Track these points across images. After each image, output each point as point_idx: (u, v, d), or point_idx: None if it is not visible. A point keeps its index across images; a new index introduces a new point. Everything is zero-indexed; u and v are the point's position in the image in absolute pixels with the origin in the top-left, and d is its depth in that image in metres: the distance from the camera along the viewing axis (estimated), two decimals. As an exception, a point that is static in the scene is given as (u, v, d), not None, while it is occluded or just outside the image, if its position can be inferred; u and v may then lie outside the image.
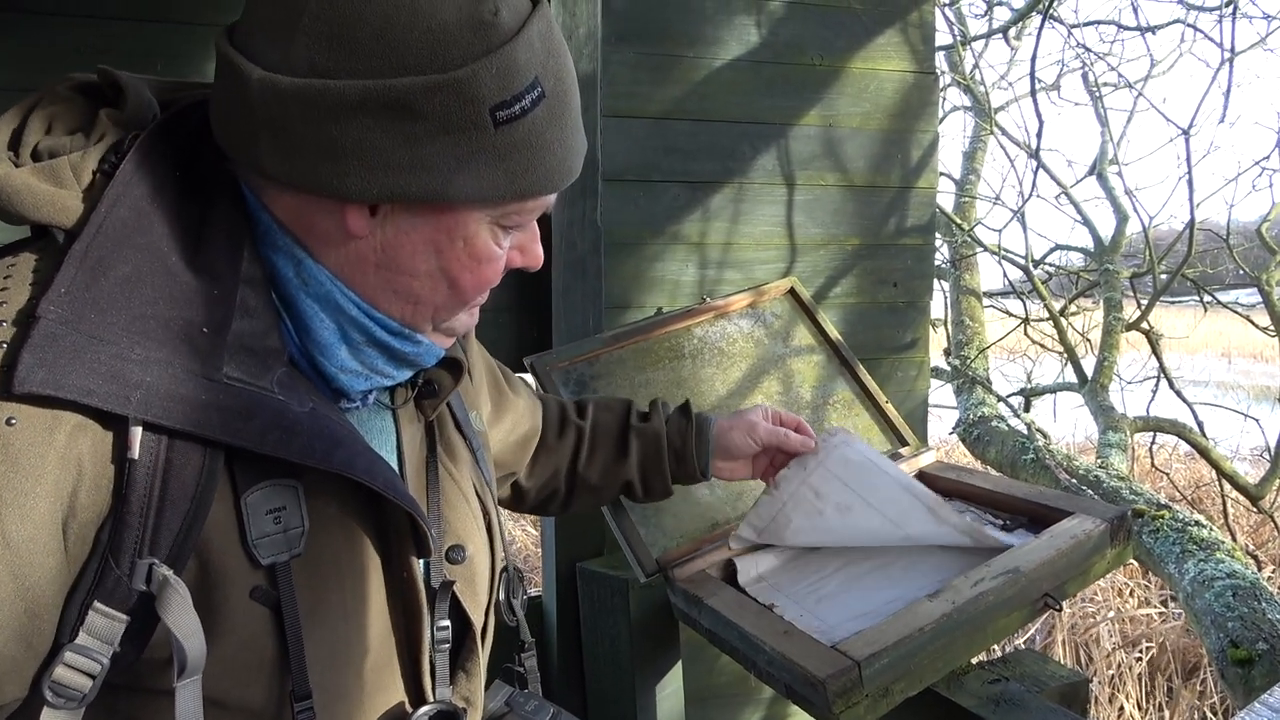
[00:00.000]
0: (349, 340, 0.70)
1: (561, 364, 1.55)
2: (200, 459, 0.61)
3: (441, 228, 0.67)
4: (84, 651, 0.59)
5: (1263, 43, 3.92)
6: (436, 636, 0.77)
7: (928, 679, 1.07)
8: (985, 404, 4.20)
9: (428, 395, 0.82)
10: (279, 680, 0.66)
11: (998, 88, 5.53)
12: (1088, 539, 1.18)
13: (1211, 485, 5.02)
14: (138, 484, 0.59)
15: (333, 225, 0.66)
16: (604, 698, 1.65)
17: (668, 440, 1.20)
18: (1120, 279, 4.44)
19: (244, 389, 0.62)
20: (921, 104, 2.09)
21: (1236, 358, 14.02)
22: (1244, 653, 2.00)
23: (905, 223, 2.11)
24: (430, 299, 0.71)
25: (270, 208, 0.67)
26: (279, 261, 0.68)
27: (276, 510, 0.65)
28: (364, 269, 0.68)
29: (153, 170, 0.65)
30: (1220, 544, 2.41)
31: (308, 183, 0.63)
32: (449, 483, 0.83)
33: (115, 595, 0.59)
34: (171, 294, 0.62)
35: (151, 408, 0.58)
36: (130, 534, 0.59)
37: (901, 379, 2.13)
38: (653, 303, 1.90)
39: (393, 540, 0.74)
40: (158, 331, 0.60)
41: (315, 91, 0.60)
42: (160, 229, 0.63)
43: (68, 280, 0.59)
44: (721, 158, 1.94)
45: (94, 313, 0.58)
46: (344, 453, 0.66)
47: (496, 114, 0.63)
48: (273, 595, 0.65)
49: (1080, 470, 3.09)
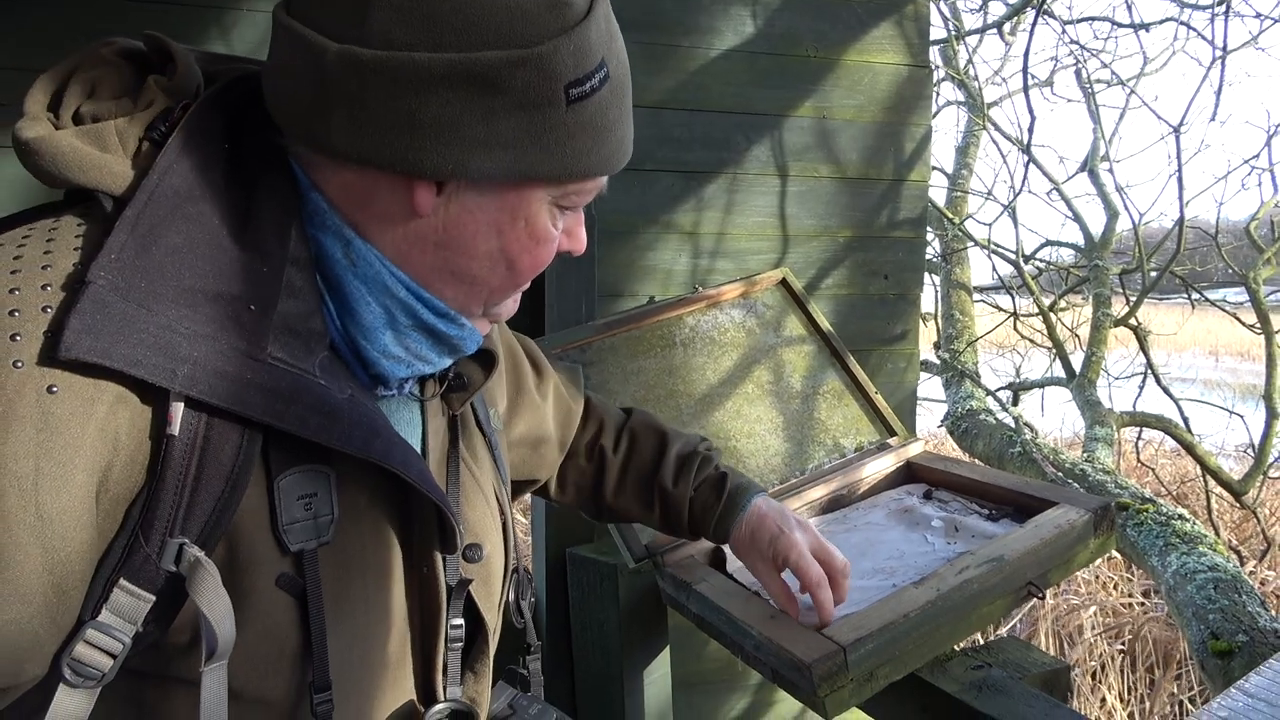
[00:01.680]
0: (395, 324, 0.69)
1: (554, 350, 1.55)
2: (239, 439, 0.60)
3: (506, 207, 0.67)
4: (106, 629, 0.57)
5: (1254, 41, 3.94)
6: (450, 635, 0.77)
7: (912, 664, 1.08)
8: (974, 397, 4.22)
9: (456, 389, 0.81)
10: (299, 671, 0.65)
11: (992, 83, 5.55)
12: (1071, 529, 1.19)
13: (1196, 481, 5.06)
14: (174, 461, 0.58)
15: (395, 203, 0.65)
16: (592, 682, 1.66)
17: (690, 513, 1.13)
18: (1110, 275, 4.47)
19: (287, 370, 0.61)
20: (915, 97, 2.10)
21: (1224, 356, 14.12)
22: (1224, 644, 2.03)
23: (897, 215, 2.12)
24: (487, 280, 0.71)
25: (322, 186, 0.66)
26: (327, 241, 0.66)
27: (308, 496, 0.64)
28: (423, 248, 0.67)
29: (205, 142, 0.63)
30: (1203, 537, 2.44)
31: (380, 158, 0.62)
32: (469, 479, 0.82)
33: (143, 574, 0.58)
34: (221, 268, 0.60)
35: (197, 384, 0.57)
36: (163, 512, 0.58)
37: (891, 370, 2.14)
38: (645, 291, 1.91)
39: (417, 535, 0.73)
40: (206, 306, 0.59)
41: (398, 64, 0.59)
42: (211, 202, 0.62)
43: (118, 246, 0.57)
44: (716, 148, 1.94)
45: (144, 281, 0.57)
46: (382, 443, 0.65)
47: (570, 91, 0.63)
48: (298, 583, 0.64)
49: (1067, 464, 3.11)
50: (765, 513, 1.09)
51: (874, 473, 1.55)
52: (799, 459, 1.57)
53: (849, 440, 1.62)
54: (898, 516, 1.40)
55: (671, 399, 1.58)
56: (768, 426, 1.60)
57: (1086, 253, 4.92)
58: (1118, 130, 5.07)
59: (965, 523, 1.31)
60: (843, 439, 1.62)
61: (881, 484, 1.55)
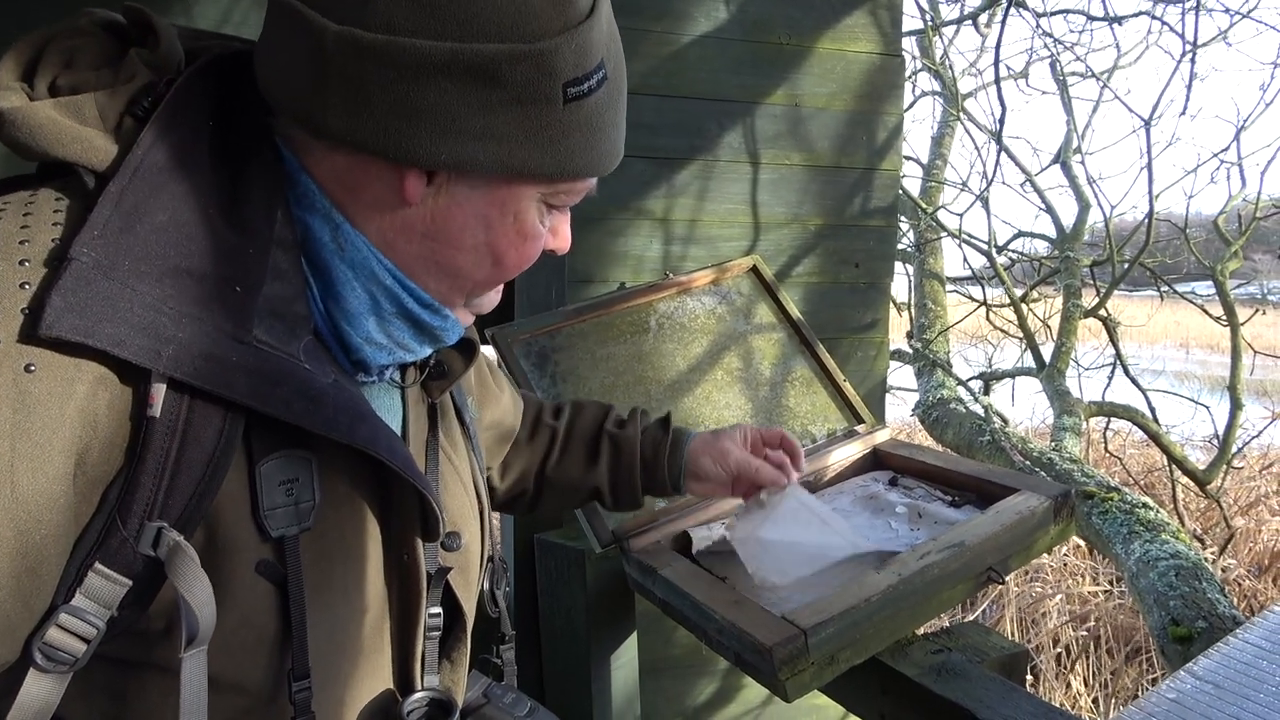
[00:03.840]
0: (379, 311, 0.68)
1: (523, 336, 1.55)
2: (221, 423, 0.59)
3: (495, 201, 0.66)
4: (79, 614, 0.56)
5: (1223, 36, 3.98)
6: (428, 623, 0.76)
7: (873, 648, 1.10)
8: (945, 387, 4.26)
9: (436, 376, 0.81)
10: (278, 658, 0.65)
11: (967, 74, 5.57)
12: (1032, 515, 1.21)
13: (1163, 471, 5.14)
14: (155, 444, 0.57)
15: (385, 190, 0.65)
16: (559, 667, 1.67)
17: (640, 451, 1.15)
18: (1081, 267, 4.51)
19: (272, 354, 0.60)
20: (888, 86, 2.11)
21: (1194, 348, 14.30)
22: (1184, 630, 2.06)
23: (869, 204, 2.13)
24: (471, 274, 0.70)
25: (311, 169, 0.65)
26: (314, 224, 0.65)
27: (289, 482, 0.63)
28: (409, 237, 0.67)
29: (190, 119, 0.62)
30: (1166, 525, 2.48)
31: (373, 143, 0.61)
32: (448, 468, 0.82)
33: (119, 558, 0.57)
34: (207, 248, 0.59)
35: (182, 365, 0.56)
36: (142, 495, 0.57)
37: (861, 359, 2.15)
38: (616, 277, 1.91)
39: (397, 522, 0.72)
40: (192, 286, 0.57)
41: (399, 49, 0.58)
42: (197, 180, 0.60)
43: (102, 222, 0.56)
44: (688, 134, 1.94)
45: (129, 259, 0.56)
46: (367, 429, 0.64)
47: (568, 90, 0.62)
48: (278, 570, 0.63)
49: (1035, 453, 3.15)
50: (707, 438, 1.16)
51: (841, 459, 1.56)
52: (767, 445, 1.57)
53: (818, 427, 1.63)
54: (863, 502, 1.41)
55: (641, 385, 1.58)
56: (737, 413, 1.60)
57: (1058, 244, 4.97)
58: (1091, 123, 5.12)
59: (928, 509, 1.32)
60: (811, 426, 1.63)
61: (848, 470, 1.56)
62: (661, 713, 2.04)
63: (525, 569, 1.80)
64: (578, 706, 1.57)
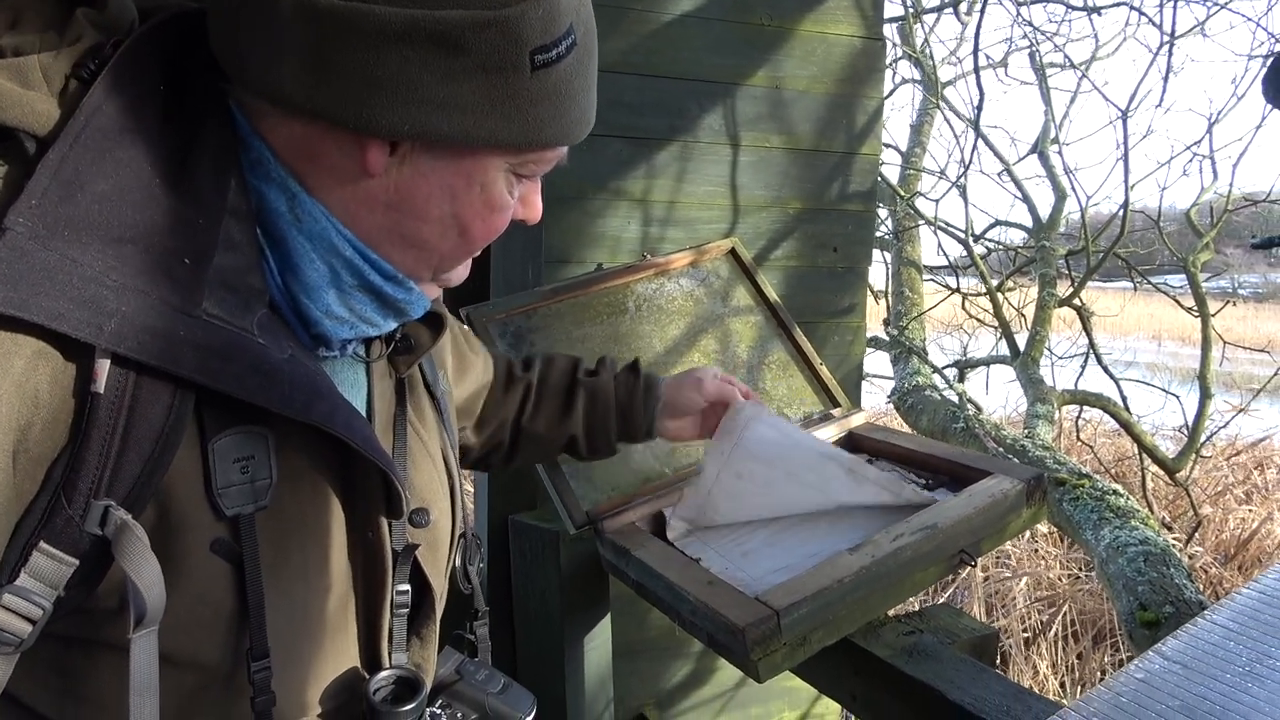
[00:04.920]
0: (339, 284, 0.66)
1: (498, 316, 1.53)
2: (169, 399, 0.57)
3: (461, 172, 0.65)
4: (24, 594, 0.54)
5: (1200, 28, 4.02)
6: (395, 601, 0.75)
7: (845, 629, 1.10)
8: (920, 374, 4.28)
9: (403, 351, 0.79)
10: (235, 638, 0.63)
11: (947, 63, 5.58)
12: (1004, 498, 1.21)
13: (1133, 459, 5.21)
14: (100, 420, 0.55)
15: (346, 160, 0.63)
16: (533, 649, 1.66)
17: (615, 396, 1.18)
18: (1056, 256, 4.55)
19: (224, 328, 0.58)
20: (869, 70, 2.10)
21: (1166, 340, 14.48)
22: (1152, 615, 2.09)
23: (848, 188, 2.12)
24: (437, 246, 0.68)
25: (267, 136, 0.63)
26: (270, 194, 0.63)
27: (244, 459, 0.61)
28: (372, 208, 0.65)
29: (138, 81, 0.59)
30: (1135, 512, 2.50)
31: (332, 112, 0.59)
32: (416, 443, 0.80)
33: (64, 537, 0.55)
34: (153, 219, 0.57)
35: (125, 339, 0.54)
36: (87, 473, 0.55)
37: (838, 343, 2.16)
38: (593, 258, 1.89)
39: (360, 499, 0.71)
40: (136, 258, 0.55)
41: (358, 16, 0.56)
42: (143, 146, 0.58)
43: (39, 191, 0.53)
44: (667, 114, 1.92)
45: (68, 230, 0.53)
46: (324, 405, 0.63)
47: (535, 57, 0.61)
48: (234, 549, 0.62)
49: (1008, 440, 3.17)
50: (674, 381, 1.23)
51: (816, 442, 1.55)
52: (743, 428, 1.57)
53: (794, 410, 1.63)
54: (837, 485, 1.41)
55: (617, 366, 1.57)
56: (713, 395, 1.60)
57: (1034, 234, 5.00)
58: (1068, 113, 5.16)
59: (903, 492, 1.33)
60: (787, 409, 1.63)
61: (823, 454, 1.56)
62: (635, 695, 2.04)
63: (499, 551, 1.79)
64: (551, 688, 1.57)
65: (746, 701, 2.16)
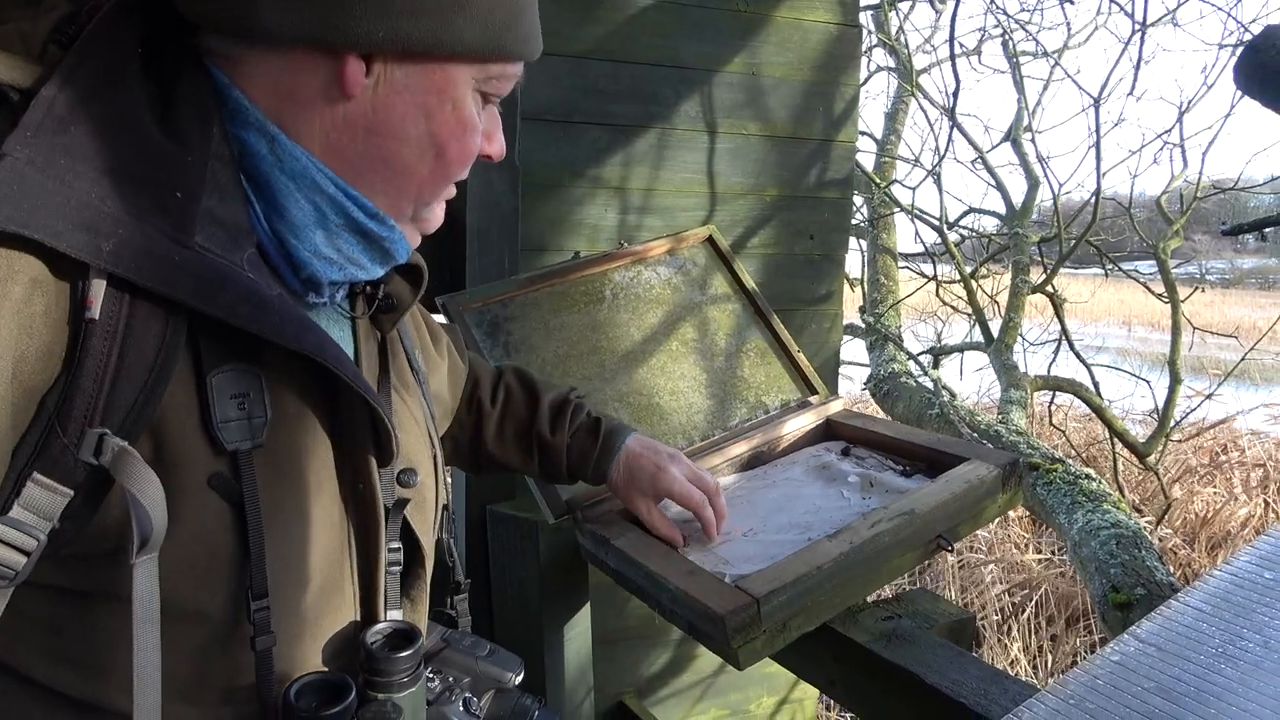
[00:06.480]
0: (325, 223, 0.68)
1: (475, 304, 1.52)
2: (162, 327, 0.58)
3: (433, 88, 0.67)
4: (18, 525, 0.55)
5: (1171, 17, 4.05)
6: (388, 559, 0.75)
7: (824, 615, 1.10)
8: (896, 361, 4.31)
9: (385, 310, 0.80)
10: (234, 578, 0.63)
11: (922, 51, 5.60)
12: (981, 483, 1.22)
13: (1104, 443, 5.28)
14: (94, 349, 0.55)
15: (324, 85, 0.64)
16: (512, 639, 1.66)
17: (566, 459, 1.17)
18: (1029, 243, 4.58)
19: (216, 259, 0.59)
20: (845, 57, 2.10)
21: (1136, 326, 14.69)
22: (1124, 597, 2.12)
23: (825, 176, 2.12)
24: (416, 169, 0.70)
25: (242, 84, 0.64)
26: (251, 139, 0.64)
27: (241, 396, 0.62)
28: (353, 134, 0.66)
29: (116, 42, 0.61)
30: (1107, 496, 2.54)
31: (308, 31, 0.61)
32: (400, 405, 0.81)
33: (59, 466, 0.56)
34: (145, 153, 0.58)
35: (123, 260, 0.55)
36: (81, 402, 0.55)
37: (815, 330, 2.16)
38: (571, 246, 1.88)
39: (349, 443, 0.71)
40: (130, 188, 0.57)
41: None
42: (129, 95, 0.59)
43: (34, 124, 0.54)
44: (644, 101, 1.91)
45: (64, 158, 0.55)
46: (314, 337, 0.63)
47: None
48: (232, 485, 0.62)
49: (982, 425, 3.20)
50: (639, 452, 1.16)
51: (794, 430, 1.56)
52: (721, 416, 1.57)
53: (771, 398, 1.63)
54: (815, 472, 1.42)
55: (595, 355, 1.56)
56: (691, 383, 1.60)
57: (1008, 221, 5.04)
58: (1041, 101, 5.18)
59: (880, 478, 1.33)
60: (765, 397, 1.63)
61: (801, 441, 1.56)
62: (615, 683, 2.04)
63: (478, 541, 1.78)
64: (530, 677, 1.56)
65: (726, 688, 2.17)
